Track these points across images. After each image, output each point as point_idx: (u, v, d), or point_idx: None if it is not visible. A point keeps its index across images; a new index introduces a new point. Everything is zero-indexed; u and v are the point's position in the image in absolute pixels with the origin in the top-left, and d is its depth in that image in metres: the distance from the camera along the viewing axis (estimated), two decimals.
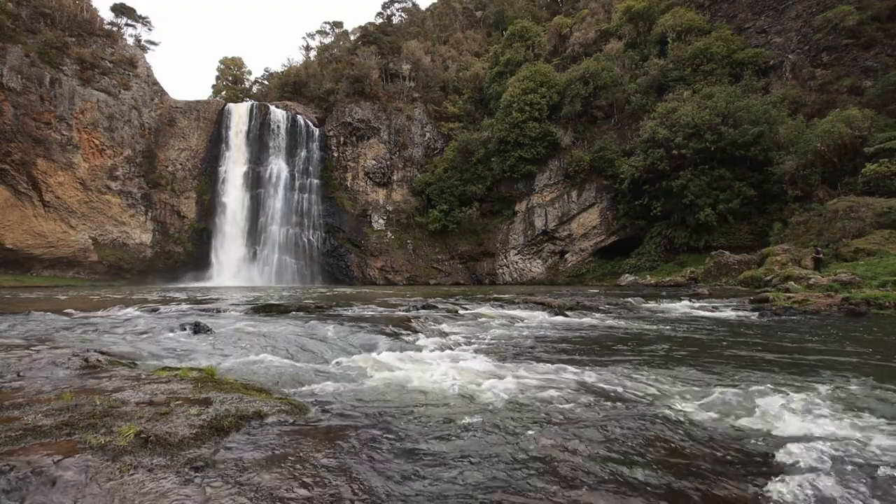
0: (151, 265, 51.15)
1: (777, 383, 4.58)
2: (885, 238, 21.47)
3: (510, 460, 2.62)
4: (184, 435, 2.60)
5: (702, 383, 4.60)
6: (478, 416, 3.47)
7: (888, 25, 34.41)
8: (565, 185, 47.76)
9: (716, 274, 27.80)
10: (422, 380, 4.67)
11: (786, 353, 6.47)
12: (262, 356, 5.80)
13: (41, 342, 6.03)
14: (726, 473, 2.54)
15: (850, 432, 3.10)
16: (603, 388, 4.39)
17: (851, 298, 12.13)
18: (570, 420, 3.38)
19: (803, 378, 4.85)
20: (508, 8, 68.56)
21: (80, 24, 49.71)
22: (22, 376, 3.78)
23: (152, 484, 2.09)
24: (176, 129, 53.63)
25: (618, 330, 9.26)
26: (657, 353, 6.57)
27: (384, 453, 2.69)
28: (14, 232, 44.59)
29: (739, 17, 43.69)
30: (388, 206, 54.79)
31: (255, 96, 75.24)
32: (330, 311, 11.84)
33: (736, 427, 3.31)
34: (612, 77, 46.51)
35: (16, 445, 2.32)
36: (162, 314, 10.56)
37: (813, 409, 3.64)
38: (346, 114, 55.70)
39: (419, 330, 8.11)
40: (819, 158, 30.27)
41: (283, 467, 2.37)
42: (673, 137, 37.24)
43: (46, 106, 44.31)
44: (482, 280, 51.10)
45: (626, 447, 2.86)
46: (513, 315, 11.47)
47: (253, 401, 3.30)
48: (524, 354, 6.36)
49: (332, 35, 76.97)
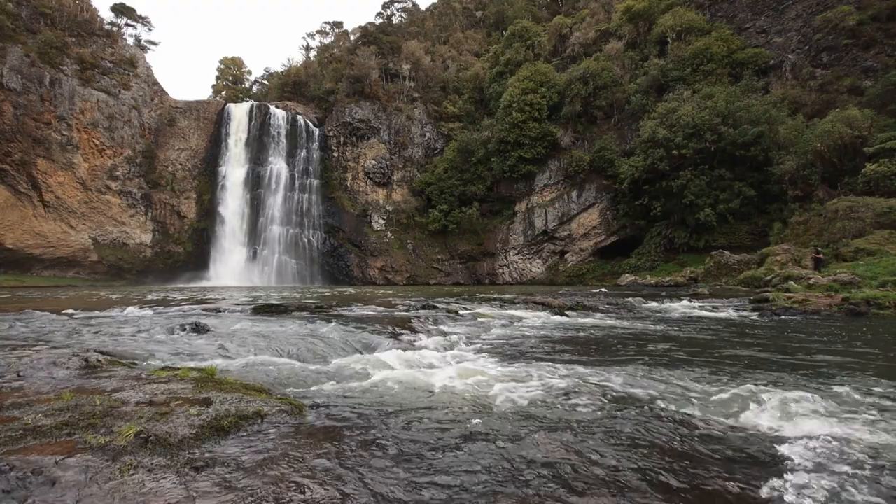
0: (151, 265, 51.16)
1: (777, 383, 4.58)
2: (885, 238, 21.48)
3: (512, 461, 2.61)
4: (184, 435, 2.59)
5: (703, 383, 4.60)
6: (479, 416, 3.47)
7: (888, 25, 34.42)
8: (565, 185, 47.76)
9: (716, 274, 27.80)
10: (422, 380, 4.66)
11: (786, 352, 6.47)
12: (262, 356, 5.79)
13: (41, 342, 6.02)
14: (729, 473, 2.54)
15: (852, 432, 3.10)
16: (603, 387, 4.39)
17: (851, 298, 12.13)
18: (570, 420, 3.38)
19: (804, 378, 4.85)
20: (508, 8, 68.57)
21: (80, 24, 49.71)
22: (22, 376, 3.77)
23: (152, 484, 2.08)
24: (176, 129, 53.64)
25: (618, 330, 9.26)
26: (658, 353, 6.56)
27: (384, 454, 2.69)
28: (14, 232, 44.60)
29: (739, 17, 43.69)
30: (388, 206, 54.79)
31: (255, 96, 75.30)
32: (330, 311, 11.83)
33: (737, 427, 3.31)
34: (612, 77, 46.51)
35: (16, 445, 2.32)
36: (162, 314, 10.56)
37: (814, 408, 3.63)
38: (346, 114, 55.71)
39: (419, 330, 8.11)
40: (819, 158, 30.28)
41: (283, 468, 2.37)
42: (673, 137, 37.24)
43: (46, 106, 44.32)
44: (482, 280, 51.10)
45: (628, 447, 2.86)
46: (513, 315, 11.47)
47: (253, 401, 3.29)
48: (525, 354, 6.36)
49: (332, 35, 77.03)
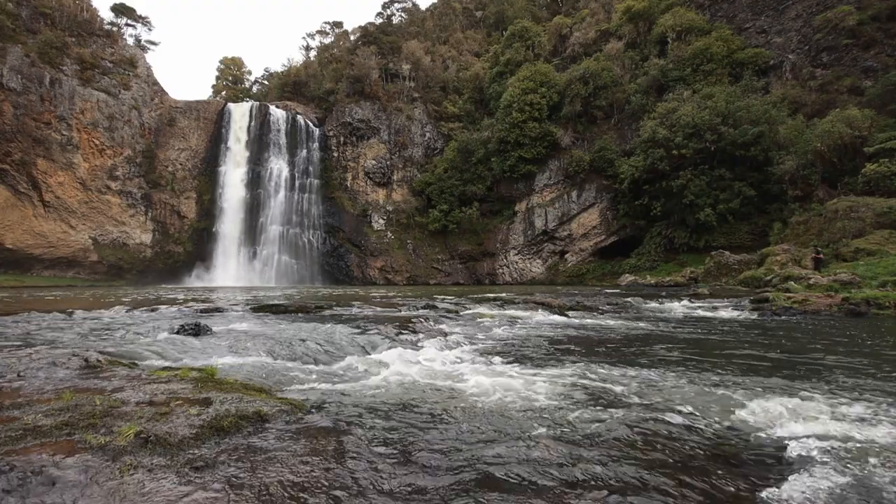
0: (151, 265, 51.15)
1: (778, 383, 4.58)
2: (885, 238, 21.48)
3: (512, 461, 2.62)
4: (184, 435, 2.59)
5: (702, 383, 4.60)
6: (479, 417, 3.47)
7: (888, 25, 34.42)
8: (565, 185, 47.76)
9: (716, 274, 27.80)
10: (422, 380, 4.67)
11: (786, 353, 6.47)
12: (262, 356, 5.80)
13: (41, 342, 6.03)
14: (728, 473, 2.54)
15: (852, 432, 3.10)
16: (603, 387, 4.39)
17: (851, 298, 12.12)
18: (570, 420, 3.38)
19: (804, 378, 4.85)
20: (508, 8, 68.56)
21: (80, 24, 49.70)
22: (22, 376, 3.77)
23: (152, 484, 2.08)
24: (176, 129, 53.63)
25: (618, 330, 9.26)
26: (657, 353, 6.56)
27: (384, 454, 2.69)
28: (14, 232, 44.59)
29: (739, 17, 43.69)
30: (388, 206, 54.78)
31: (255, 96, 75.28)
32: (330, 311, 11.84)
33: (737, 427, 3.31)
34: (611, 77, 46.51)
35: (16, 445, 2.32)
36: (162, 314, 10.56)
37: (814, 408, 3.63)
38: (346, 114, 55.70)
39: (420, 330, 8.11)
40: (819, 158, 30.28)
41: (283, 467, 2.37)
42: (673, 137, 37.23)
43: (46, 106, 44.31)
44: (482, 280, 51.10)
45: (628, 447, 2.86)
46: (513, 315, 11.47)
47: (253, 401, 3.29)
48: (525, 354, 6.36)
49: (332, 35, 77.03)
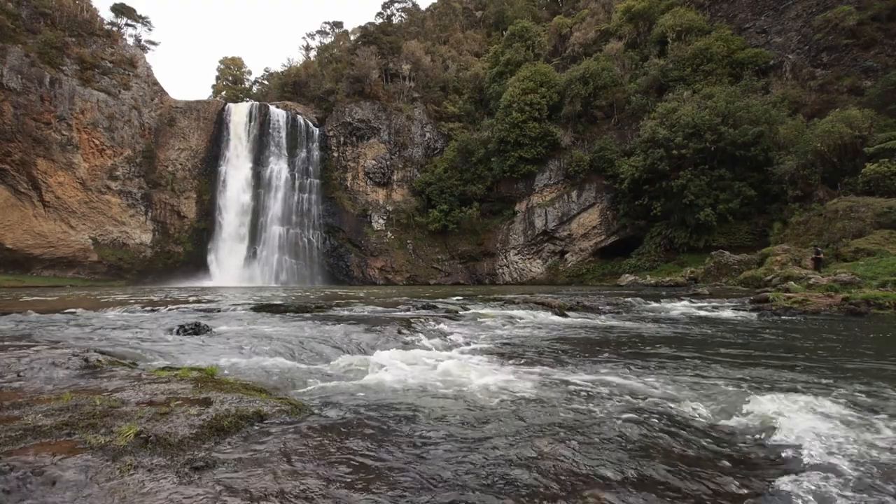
0: (151, 265, 51.17)
1: (778, 383, 4.58)
2: (885, 238, 21.49)
3: (513, 460, 2.61)
4: (184, 435, 2.59)
5: (702, 383, 4.60)
6: (478, 417, 3.47)
7: (888, 25, 34.44)
8: (565, 185, 47.78)
9: (716, 274, 27.81)
10: (422, 380, 4.66)
11: (786, 352, 6.47)
12: (262, 356, 5.79)
13: (41, 342, 6.03)
14: (729, 473, 2.54)
15: (852, 432, 3.10)
16: (603, 388, 4.39)
17: (851, 298, 12.12)
18: (570, 420, 3.38)
19: (804, 378, 4.85)
20: (508, 8, 68.60)
21: (80, 24, 49.71)
22: (22, 376, 3.77)
23: (152, 484, 2.08)
24: (176, 129, 53.65)
25: (618, 330, 9.26)
26: (657, 353, 6.56)
27: (384, 454, 2.69)
28: (14, 232, 44.60)
29: (739, 17, 43.71)
30: (388, 206, 54.80)
31: (255, 96, 75.29)
32: (330, 311, 11.84)
33: (737, 427, 3.31)
34: (612, 77, 46.53)
35: (16, 445, 2.32)
36: (162, 314, 10.56)
37: (814, 408, 3.63)
38: (346, 114, 55.72)
39: (419, 330, 8.10)
40: (819, 158, 30.29)
41: (284, 468, 2.37)
42: (673, 137, 37.25)
43: (46, 106, 44.33)
44: (482, 280, 51.11)
45: (628, 447, 2.86)
46: (513, 315, 11.46)
47: (253, 401, 3.29)
48: (525, 355, 6.36)
49: (332, 35, 77.11)
